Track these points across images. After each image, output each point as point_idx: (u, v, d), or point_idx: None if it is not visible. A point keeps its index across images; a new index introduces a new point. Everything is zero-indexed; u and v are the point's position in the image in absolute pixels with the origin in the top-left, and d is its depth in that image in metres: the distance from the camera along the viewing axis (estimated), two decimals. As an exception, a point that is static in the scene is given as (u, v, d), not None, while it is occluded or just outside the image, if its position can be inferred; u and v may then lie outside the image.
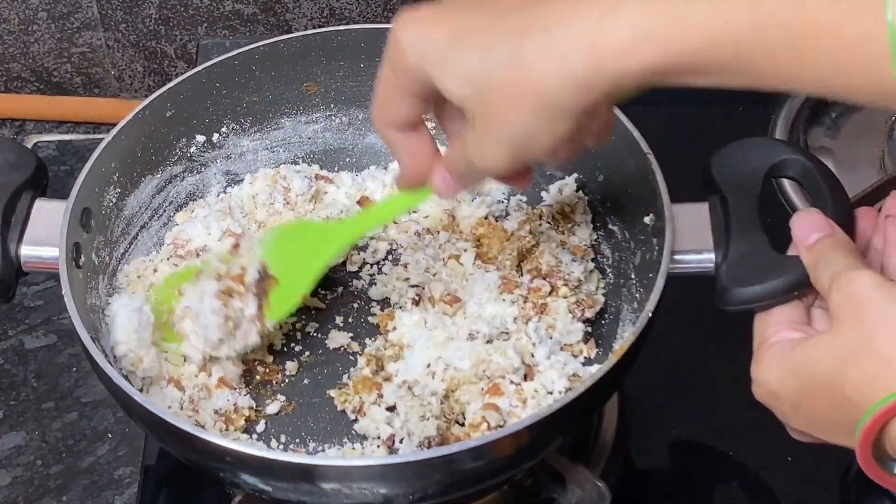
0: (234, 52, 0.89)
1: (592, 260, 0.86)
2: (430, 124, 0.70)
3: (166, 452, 0.86)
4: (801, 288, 0.69)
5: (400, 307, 0.84)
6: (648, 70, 0.57)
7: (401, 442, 0.75)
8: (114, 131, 0.84)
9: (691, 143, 1.06)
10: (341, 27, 0.91)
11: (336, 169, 0.94)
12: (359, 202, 0.91)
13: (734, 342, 0.71)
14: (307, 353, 0.83)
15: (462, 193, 0.77)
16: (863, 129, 1.07)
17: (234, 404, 0.78)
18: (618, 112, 0.81)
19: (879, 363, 0.58)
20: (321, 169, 0.94)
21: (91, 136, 1.22)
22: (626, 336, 0.73)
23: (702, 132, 1.09)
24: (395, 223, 0.89)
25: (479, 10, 0.61)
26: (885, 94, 0.54)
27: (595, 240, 0.87)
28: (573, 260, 0.84)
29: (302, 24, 1.22)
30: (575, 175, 0.89)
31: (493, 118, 0.60)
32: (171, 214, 0.90)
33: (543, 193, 0.90)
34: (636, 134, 0.80)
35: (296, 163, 0.94)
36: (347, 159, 0.95)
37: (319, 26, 1.22)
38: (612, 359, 0.70)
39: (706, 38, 0.56)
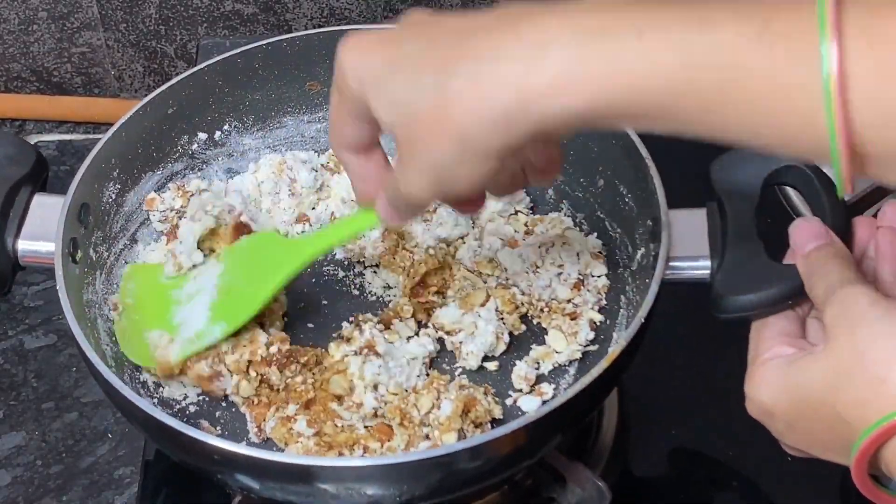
0: (237, 51, 0.89)
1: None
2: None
3: (166, 452, 0.86)
4: (795, 297, 0.69)
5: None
6: (574, 113, 0.55)
7: None
8: (114, 128, 0.84)
9: (691, 142, 1.05)
10: (345, 27, 0.91)
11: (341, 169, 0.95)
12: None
13: (735, 344, 0.71)
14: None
15: (404, 223, 0.74)
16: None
17: None
18: None
19: (872, 384, 0.58)
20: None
21: (91, 136, 1.22)
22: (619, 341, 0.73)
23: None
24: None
25: (416, 38, 0.59)
26: (817, 148, 0.51)
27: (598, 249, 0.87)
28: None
29: (302, 24, 1.22)
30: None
31: (416, 148, 0.59)
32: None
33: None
34: (636, 139, 0.80)
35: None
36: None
37: (319, 26, 1.22)
38: (603, 364, 0.70)
39: (635, 83, 0.53)
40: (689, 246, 0.76)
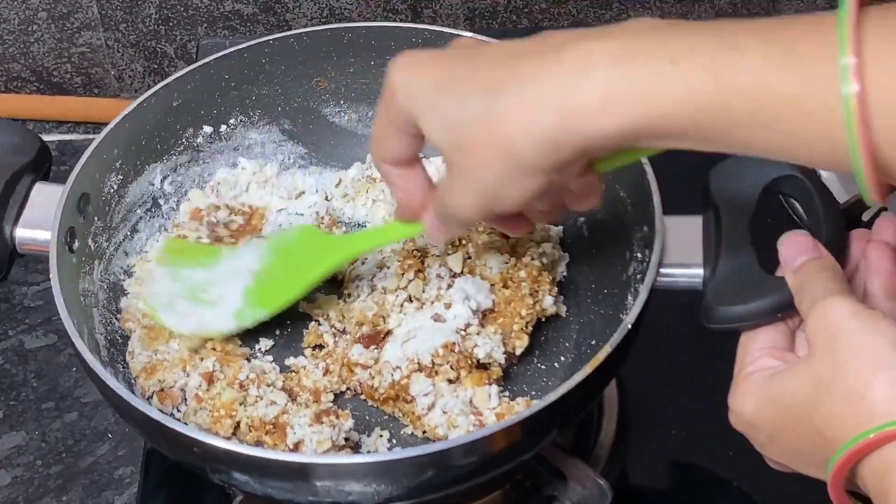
0: (244, 45, 0.89)
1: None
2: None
3: (167, 451, 0.86)
4: (784, 310, 0.68)
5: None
6: (616, 133, 0.57)
7: None
8: (118, 118, 0.83)
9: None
10: (352, 24, 0.91)
11: (350, 165, 0.95)
12: None
13: (737, 344, 0.71)
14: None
15: (449, 238, 0.76)
16: (863, 128, 1.06)
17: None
18: None
19: (850, 399, 0.57)
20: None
21: (91, 136, 1.22)
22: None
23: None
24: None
25: (466, 60, 0.62)
26: (842, 165, 0.53)
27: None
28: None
29: (302, 24, 1.23)
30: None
31: (465, 168, 0.61)
32: (174, 204, 0.90)
33: None
34: None
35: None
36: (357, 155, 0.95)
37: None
38: (587, 369, 0.70)
39: (671, 105, 0.56)
40: (682, 253, 0.75)
